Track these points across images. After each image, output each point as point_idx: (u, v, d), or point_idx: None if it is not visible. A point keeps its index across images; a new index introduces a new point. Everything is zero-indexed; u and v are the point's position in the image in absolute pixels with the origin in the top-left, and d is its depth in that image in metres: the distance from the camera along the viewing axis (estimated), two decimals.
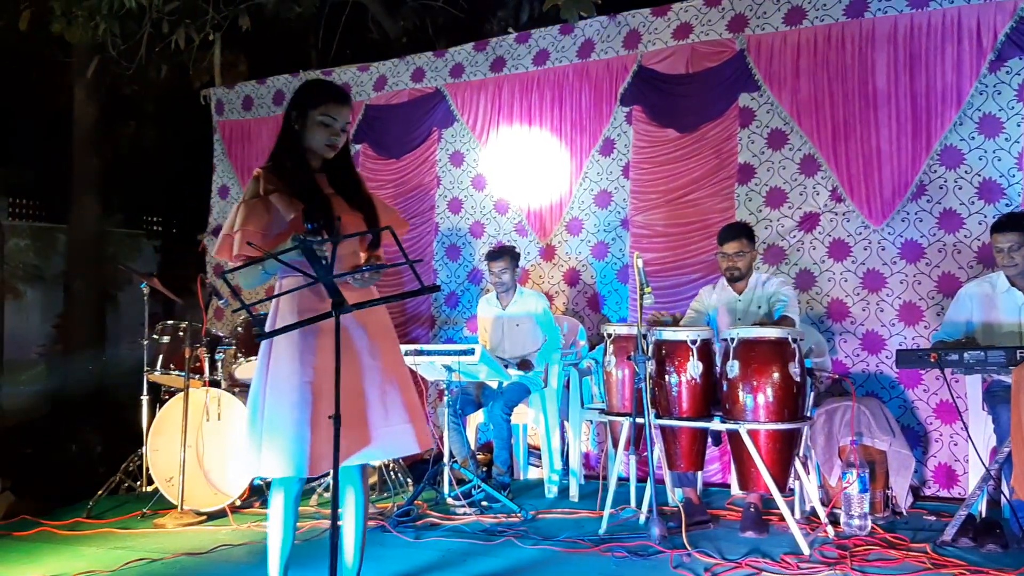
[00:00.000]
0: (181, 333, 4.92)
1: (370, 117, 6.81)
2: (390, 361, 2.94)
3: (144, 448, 4.95)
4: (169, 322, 5.04)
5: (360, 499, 3.00)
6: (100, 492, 4.87)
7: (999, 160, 4.93)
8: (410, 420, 2.89)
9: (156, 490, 4.81)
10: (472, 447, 5.30)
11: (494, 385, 5.24)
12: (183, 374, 4.75)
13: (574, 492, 5.04)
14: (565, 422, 5.36)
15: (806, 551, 3.70)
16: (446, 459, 4.67)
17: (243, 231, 2.76)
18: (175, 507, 4.59)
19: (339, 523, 2.50)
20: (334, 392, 2.53)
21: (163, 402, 5.00)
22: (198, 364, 4.86)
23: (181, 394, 4.69)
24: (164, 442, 4.81)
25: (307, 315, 2.73)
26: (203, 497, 4.64)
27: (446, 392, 4.78)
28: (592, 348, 5.60)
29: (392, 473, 4.97)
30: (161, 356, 4.97)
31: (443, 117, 6.57)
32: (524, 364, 5.25)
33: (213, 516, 4.56)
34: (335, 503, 2.50)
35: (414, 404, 2.95)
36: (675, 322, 4.46)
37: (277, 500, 2.87)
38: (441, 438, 4.74)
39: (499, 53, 6.40)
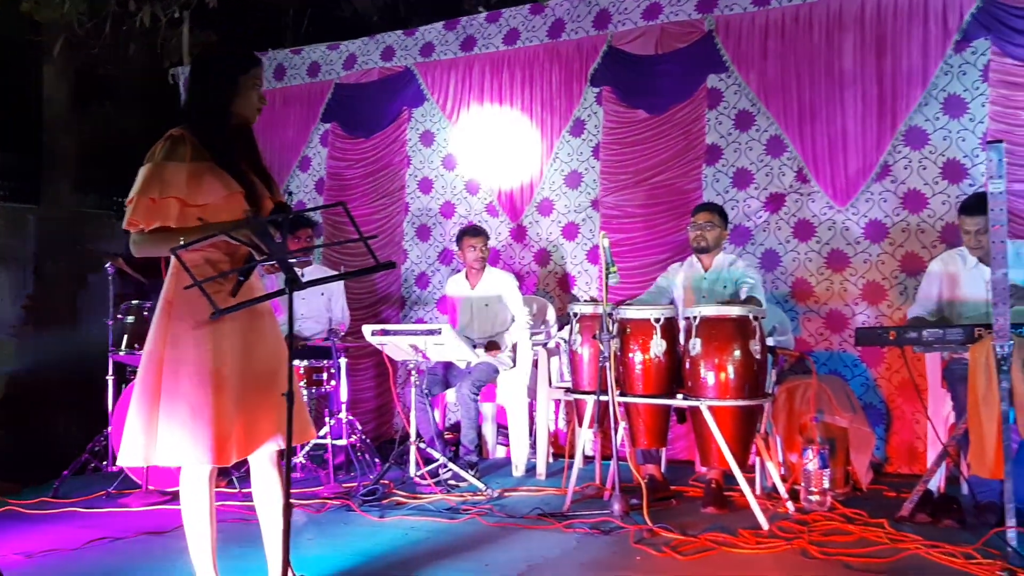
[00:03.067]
0: (146, 313, 4.89)
1: (339, 96, 6.77)
2: (281, 344, 2.83)
3: (109, 428, 4.93)
4: (134, 302, 5.01)
5: (278, 487, 2.81)
6: (66, 472, 4.85)
7: (963, 140, 4.97)
8: (303, 406, 2.89)
9: (121, 470, 4.79)
10: (441, 427, 5.32)
11: (462, 365, 5.26)
12: None
13: (541, 470, 5.08)
14: (533, 401, 5.38)
15: (765, 526, 3.74)
16: (412, 439, 4.68)
17: (180, 200, 2.61)
18: (140, 487, 4.58)
19: (290, 504, 2.46)
20: (251, 374, 2.58)
21: (128, 382, 4.98)
22: None
23: None
24: None
25: (217, 293, 2.60)
26: (168, 477, 4.62)
27: (413, 372, 4.78)
28: (561, 328, 5.62)
29: (359, 453, 4.97)
30: (126, 336, 4.94)
31: (413, 96, 6.54)
32: (492, 346, 5.27)
33: (177, 496, 4.53)
34: (287, 485, 2.47)
35: (299, 391, 2.91)
36: None
37: (191, 488, 2.73)
38: (408, 418, 4.74)
39: (469, 32, 6.38)
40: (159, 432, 2.61)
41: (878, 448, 4.88)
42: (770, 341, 4.42)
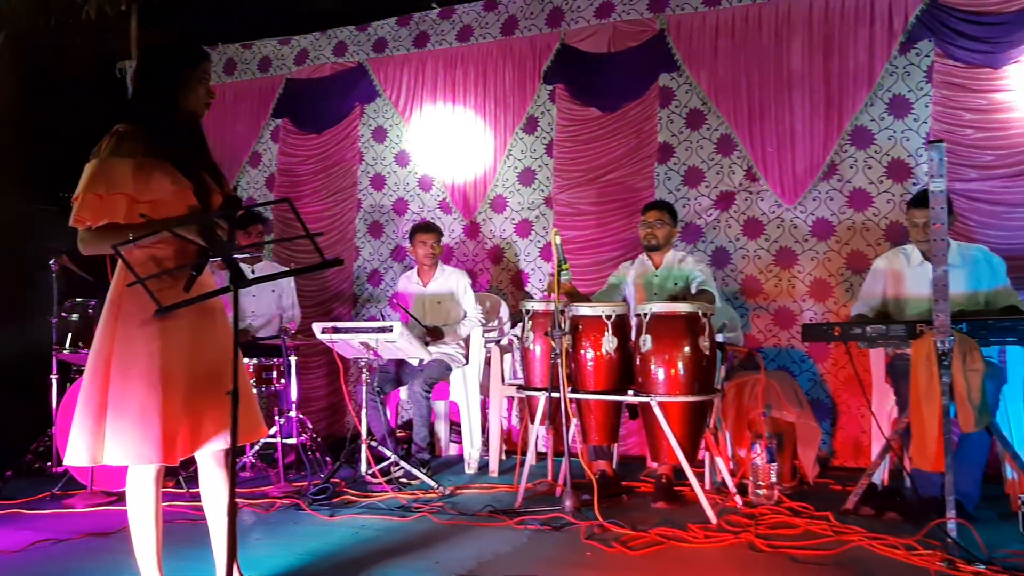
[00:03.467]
0: (91, 311, 4.81)
1: (291, 91, 6.71)
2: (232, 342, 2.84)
3: (53, 428, 4.84)
4: (78, 300, 4.92)
5: (225, 486, 2.78)
6: (9, 472, 4.76)
7: (907, 140, 5.07)
8: (253, 405, 2.83)
9: (66, 471, 4.71)
10: (393, 425, 5.29)
11: (414, 362, 5.24)
12: None
13: (493, 467, 5.08)
14: (486, 398, 5.38)
15: (713, 521, 3.78)
16: (363, 437, 4.66)
17: (128, 195, 2.56)
18: (85, 488, 4.50)
19: (235, 504, 2.44)
20: (200, 372, 2.54)
21: (74, 381, 4.88)
22: None
23: None
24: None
25: (168, 290, 2.57)
26: (114, 477, 4.55)
27: (364, 370, 4.75)
28: (514, 325, 5.63)
29: (310, 451, 4.93)
30: (71, 334, 4.85)
31: (366, 92, 6.51)
32: (434, 332, 5.24)
33: (124, 496, 4.46)
34: (233, 484, 2.44)
35: (250, 388, 2.92)
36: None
37: (137, 487, 2.69)
38: (359, 416, 4.71)
39: (422, 28, 6.36)
40: (107, 431, 2.57)
41: (824, 442, 4.96)
42: (719, 337, 4.48)
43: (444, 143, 6.24)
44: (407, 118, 6.36)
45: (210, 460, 2.79)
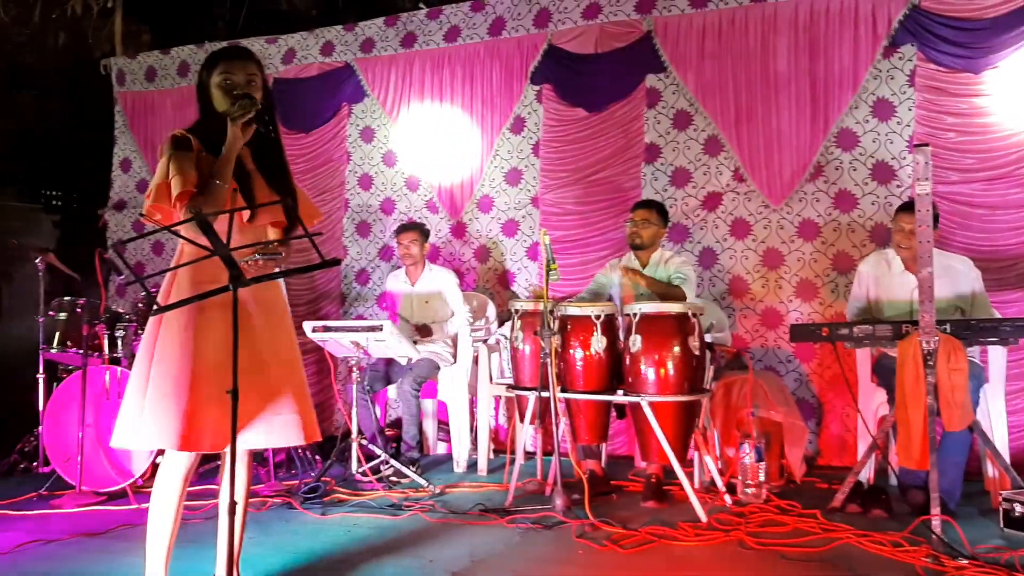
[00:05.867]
0: (79, 310, 4.78)
1: (278, 90, 6.67)
2: (285, 343, 2.90)
3: (40, 428, 4.81)
4: (66, 298, 4.89)
5: (243, 486, 2.88)
6: None
7: (891, 143, 5.13)
8: (298, 411, 2.83)
9: (53, 471, 4.68)
10: (382, 423, 5.30)
11: (403, 361, 5.25)
12: (81, 352, 4.62)
13: (482, 466, 5.10)
14: (474, 397, 5.40)
15: (703, 519, 3.82)
16: (354, 435, 4.66)
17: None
18: (73, 488, 4.48)
19: (235, 503, 2.45)
20: (230, 368, 2.51)
21: (60, 380, 4.86)
22: (97, 341, 4.74)
23: (79, 372, 4.57)
24: (62, 422, 4.68)
25: (206, 286, 2.62)
26: (103, 477, 4.54)
27: (354, 369, 4.76)
28: (501, 324, 5.65)
29: (300, 450, 4.94)
30: (58, 333, 4.82)
31: (353, 92, 6.51)
32: (424, 330, 5.26)
33: (113, 496, 4.47)
34: (232, 482, 2.46)
35: (304, 392, 2.91)
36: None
37: (164, 476, 2.75)
38: (349, 414, 4.72)
39: (410, 28, 6.37)
40: (144, 416, 2.65)
41: (811, 441, 5.02)
42: (708, 337, 4.53)
43: (431, 143, 6.26)
44: (394, 118, 6.37)
45: (237, 457, 2.83)
